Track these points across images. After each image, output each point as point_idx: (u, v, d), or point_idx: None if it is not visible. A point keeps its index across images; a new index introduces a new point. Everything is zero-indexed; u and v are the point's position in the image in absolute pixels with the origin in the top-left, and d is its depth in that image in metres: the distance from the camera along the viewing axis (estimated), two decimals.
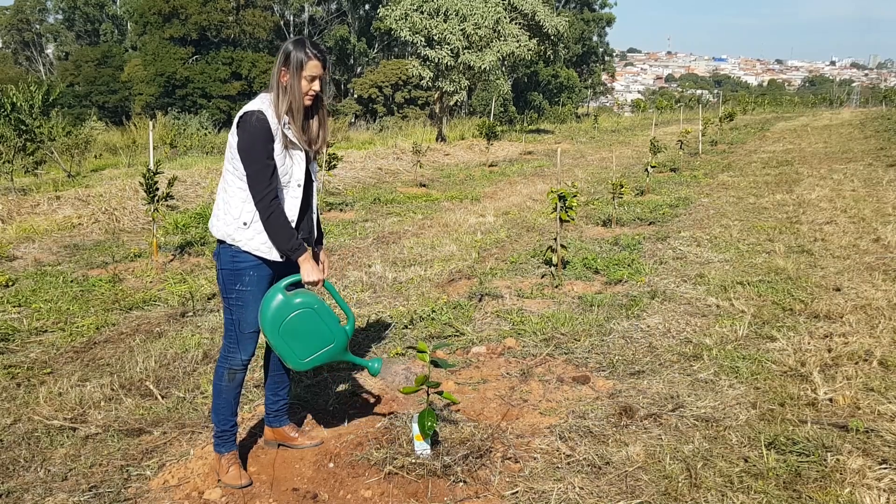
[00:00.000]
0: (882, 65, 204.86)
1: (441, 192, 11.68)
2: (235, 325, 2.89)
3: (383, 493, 2.84)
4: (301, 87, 2.78)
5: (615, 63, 72.49)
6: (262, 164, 2.73)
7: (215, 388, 2.97)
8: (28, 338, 4.84)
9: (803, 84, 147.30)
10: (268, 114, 2.76)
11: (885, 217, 7.94)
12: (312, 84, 2.81)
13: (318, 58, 2.78)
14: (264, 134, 2.73)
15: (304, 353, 2.87)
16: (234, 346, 2.91)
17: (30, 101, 11.83)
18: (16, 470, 3.14)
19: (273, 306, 2.82)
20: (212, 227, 2.91)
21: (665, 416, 3.40)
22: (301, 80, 2.78)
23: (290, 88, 2.77)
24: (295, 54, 2.76)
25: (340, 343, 2.93)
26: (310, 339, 2.87)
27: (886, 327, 4.43)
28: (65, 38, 50.09)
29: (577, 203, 5.95)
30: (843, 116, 32.81)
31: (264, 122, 2.74)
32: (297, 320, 2.83)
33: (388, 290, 5.83)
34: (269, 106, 2.79)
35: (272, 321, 2.81)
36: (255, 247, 2.82)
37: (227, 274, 2.87)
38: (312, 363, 2.90)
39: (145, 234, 8.23)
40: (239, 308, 2.88)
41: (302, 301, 2.84)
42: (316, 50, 2.79)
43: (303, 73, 2.77)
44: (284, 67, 2.77)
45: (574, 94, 45.83)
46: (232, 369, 2.93)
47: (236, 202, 2.82)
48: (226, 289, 2.89)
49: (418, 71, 20.35)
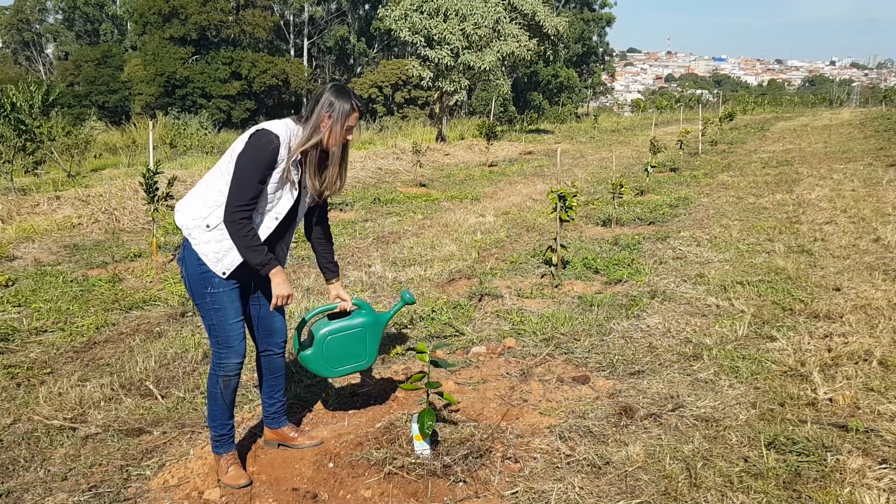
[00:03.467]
0: (882, 65, 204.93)
1: (441, 192, 11.68)
2: (217, 328, 2.84)
3: (383, 493, 2.84)
4: (338, 135, 2.83)
5: (615, 63, 72.51)
6: (251, 184, 2.71)
7: (210, 394, 2.94)
8: (28, 338, 4.84)
9: (803, 84, 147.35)
10: (283, 142, 2.75)
11: (885, 217, 7.94)
12: (348, 134, 2.87)
13: (361, 109, 2.88)
14: (269, 158, 2.73)
15: (336, 366, 3.28)
16: (224, 349, 2.87)
17: (30, 101, 11.82)
18: (16, 470, 3.14)
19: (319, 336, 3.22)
20: (177, 212, 2.85)
21: (665, 416, 3.40)
22: (342, 129, 2.83)
23: (330, 132, 2.82)
24: (341, 104, 2.81)
25: (370, 361, 3.35)
26: (345, 358, 3.28)
27: (886, 327, 4.43)
28: (65, 38, 50.09)
29: (576, 203, 5.95)
30: (842, 116, 32.81)
31: (275, 149, 2.73)
32: (337, 342, 3.25)
33: (388, 290, 5.83)
34: (291, 136, 2.79)
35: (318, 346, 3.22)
36: (204, 251, 2.76)
37: (195, 279, 2.81)
38: (342, 373, 3.32)
39: (145, 234, 8.23)
40: (216, 311, 2.82)
41: (341, 326, 3.27)
42: (360, 102, 2.88)
43: (346, 123, 2.83)
44: (328, 114, 2.81)
45: (574, 94, 45.86)
46: (226, 376, 2.90)
47: (210, 202, 2.77)
48: (196, 294, 2.83)
49: (418, 71, 20.35)
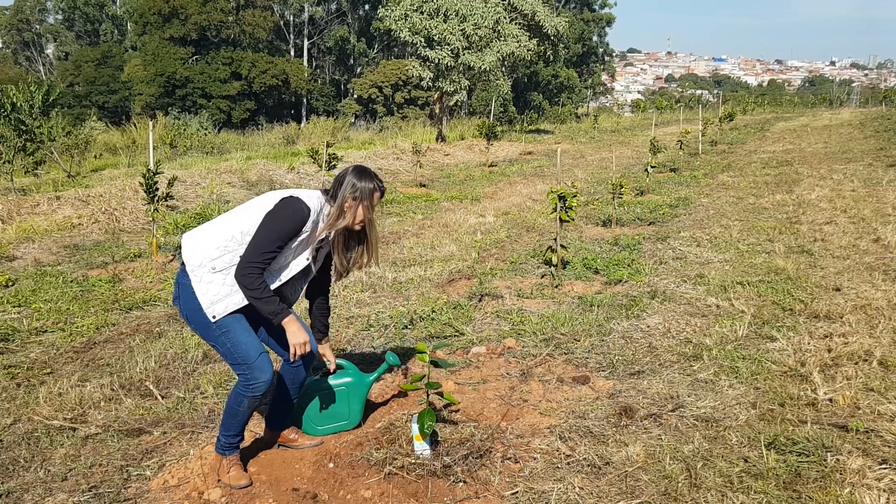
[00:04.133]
0: (882, 65, 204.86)
1: (441, 193, 11.68)
2: (233, 350, 2.79)
3: (383, 493, 2.84)
4: (362, 215, 2.91)
5: (615, 63, 72.48)
6: (271, 247, 2.75)
7: (230, 408, 2.88)
8: (28, 338, 4.84)
9: (803, 84, 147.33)
10: (311, 215, 2.83)
11: (885, 217, 7.94)
12: (369, 213, 2.93)
13: (383, 189, 2.97)
14: (297, 228, 2.80)
15: (319, 424, 3.32)
16: (246, 369, 2.79)
17: (30, 102, 11.82)
18: (16, 470, 3.14)
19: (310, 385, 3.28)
20: (185, 245, 2.83)
21: (665, 416, 3.40)
22: (365, 209, 2.91)
23: (355, 214, 2.90)
24: (364, 185, 2.89)
25: (354, 422, 3.37)
26: (328, 416, 3.32)
27: (886, 327, 4.43)
28: (65, 38, 50.08)
29: (576, 203, 5.95)
30: (842, 116, 32.80)
31: (304, 220, 2.81)
32: (319, 400, 3.29)
33: (388, 290, 5.83)
34: (321, 211, 2.88)
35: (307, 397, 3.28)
36: (203, 291, 2.75)
37: (195, 312, 2.79)
38: (324, 432, 3.33)
39: (145, 234, 8.23)
40: (226, 335, 2.79)
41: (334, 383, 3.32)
42: (382, 182, 2.98)
43: (370, 202, 2.91)
44: (351, 195, 2.88)
45: (574, 94, 45.84)
46: (254, 397, 2.82)
47: (221, 245, 2.77)
48: (201, 327, 2.81)
49: (418, 71, 20.36)
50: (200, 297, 2.76)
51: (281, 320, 2.82)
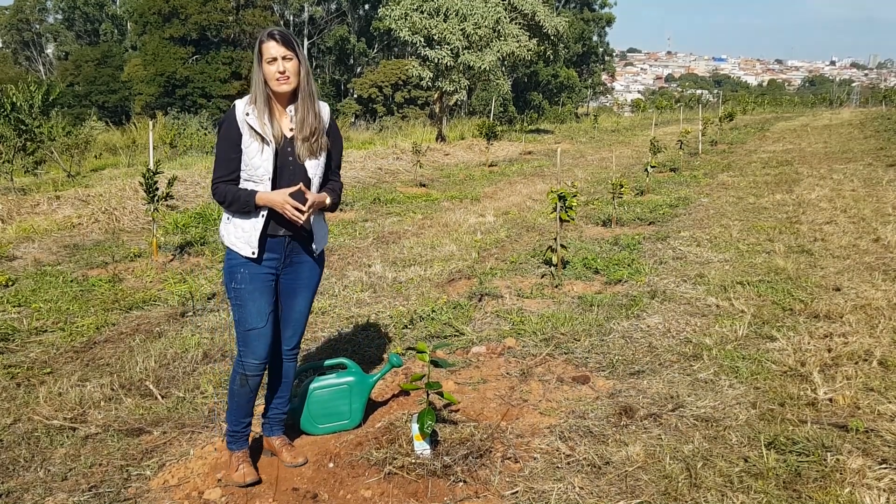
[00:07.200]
0: (882, 65, 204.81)
1: (441, 192, 11.68)
2: (238, 325, 2.92)
3: (383, 493, 2.84)
4: (265, 73, 2.77)
5: (615, 63, 72.50)
6: (222, 155, 2.82)
7: (230, 390, 2.99)
8: (28, 338, 4.84)
9: (803, 84, 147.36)
10: (238, 109, 2.81)
11: (885, 217, 7.94)
12: (275, 66, 2.75)
13: (273, 37, 2.74)
14: (229, 130, 2.80)
15: (319, 423, 3.34)
16: (243, 347, 2.92)
17: (30, 101, 11.81)
18: (16, 470, 3.14)
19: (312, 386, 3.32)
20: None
21: (665, 416, 3.40)
22: (263, 66, 2.76)
23: (263, 73, 2.77)
24: (256, 46, 2.79)
25: (354, 422, 3.38)
26: (329, 415, 3.34)
27: (886, 327, 4.43)
28: (65, 38, 50.09)
29: (576, 203, 5.95)
30: (842, 116, 32.80)
31: (231, 114, 2.81)
32: (321, 397, 3.32)
33: (388, 290, 5.83)
34: (253, 108, 2.81)
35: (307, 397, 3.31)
36: (231, 241, 2.87)
37: (225, 272, 2.93)
38: (325, 431, 3.34)
39: (145, 234, 8.23)
40: (238, 308, 2.90)
41: (335, 381, 3.35)
42: (270, 30, 2.78)
43: (263, 58, 2.76)
44: (254, 60, 2.82)
45: (574, 93, 45.85)
46: (244, 374, 2.92)
47: None
48: (227, 287, 2.94)
49: (418, 71, 20.35)
50: (234, 248, 2.87)
51: (254, 202, 2.78)
